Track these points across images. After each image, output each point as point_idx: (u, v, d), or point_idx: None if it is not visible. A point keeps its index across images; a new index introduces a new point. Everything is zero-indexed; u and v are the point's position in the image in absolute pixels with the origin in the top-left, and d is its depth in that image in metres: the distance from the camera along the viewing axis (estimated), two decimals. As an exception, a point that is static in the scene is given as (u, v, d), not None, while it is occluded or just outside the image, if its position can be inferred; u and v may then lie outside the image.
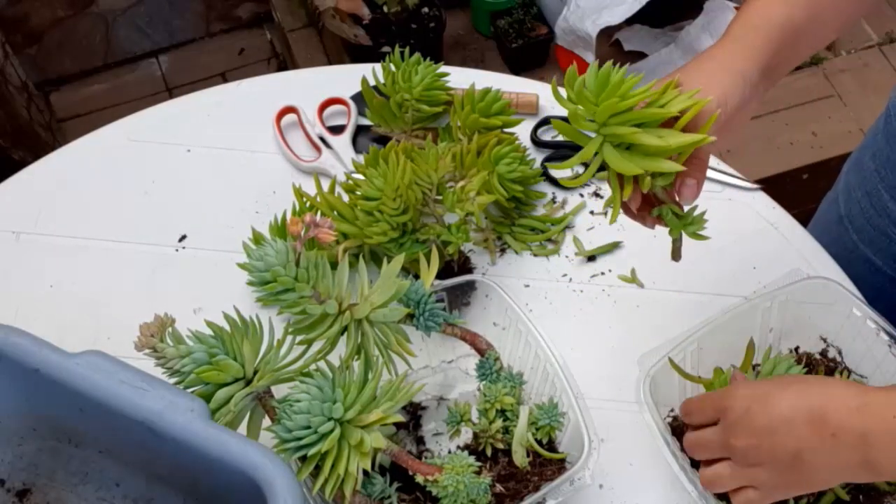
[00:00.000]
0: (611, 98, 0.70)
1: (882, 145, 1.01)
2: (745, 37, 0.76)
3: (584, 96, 0.71)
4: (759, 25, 0.77)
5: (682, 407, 0.81)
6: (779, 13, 0.77)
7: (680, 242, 0.80)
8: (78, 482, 0.83)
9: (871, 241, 1.05)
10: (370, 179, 0.89)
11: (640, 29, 1.92)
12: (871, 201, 1.03)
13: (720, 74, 0.74)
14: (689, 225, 0.77)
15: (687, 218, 0.77)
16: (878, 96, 1.89)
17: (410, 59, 1.03)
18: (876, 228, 1.04)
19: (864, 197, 1.05)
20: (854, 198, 1.07)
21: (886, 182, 1.00)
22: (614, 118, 0.70)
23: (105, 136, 1.12)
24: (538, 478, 0.79)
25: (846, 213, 1.08)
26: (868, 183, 1.04)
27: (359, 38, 1.79)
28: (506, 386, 0.82)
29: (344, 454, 0.71)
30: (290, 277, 0.73)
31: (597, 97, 0.71)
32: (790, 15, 0.77)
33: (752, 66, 0.75)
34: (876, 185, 1.02)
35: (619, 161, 0.72)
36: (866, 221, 1.05)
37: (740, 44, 0.76)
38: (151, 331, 0.74)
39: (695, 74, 0.75)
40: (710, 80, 0.73)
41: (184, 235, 1.03)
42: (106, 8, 2.22)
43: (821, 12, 0.78)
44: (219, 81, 2.13)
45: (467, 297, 0.94)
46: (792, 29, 0.77)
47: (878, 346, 0.85)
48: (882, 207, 1.02)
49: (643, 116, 0.70)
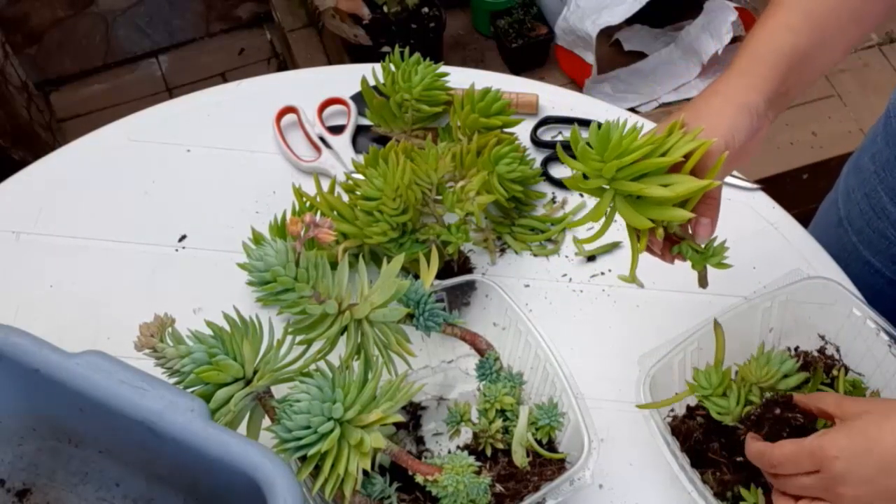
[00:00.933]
0: (614, 156, 0.71)
1: (882, 147, 1.01)
2: (751, 69, 0.76)
3: (589, 157, 0.72)
4: (764, 55, 0.76)
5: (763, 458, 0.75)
6: (784, 42, 0.76)
7: (705, 272, 0.80)
8: (78, 482, 0.83)
9: (870, 243, 1.05)
10: (370, 179, 0.89)
11: (640, 29, 1.92)
12: (871, 203, 1.03)
13: (727, 110, 0.74)
14: (711, 257, 0.78)
15: (708, 251, 0.78)
16: (878, 96, 1.89)
17: (410, 59, 1.03)
18: (875, 230, 1.04)
19: (863, 199, 1.05)
20: (853, 200, 1.07)
21: (886, 184, 1.01)
22: (621, 172, 0.71)
23: (105, 136, 1.12)
24: (538, 478, 0.79)
25: (845, 216, 1.08)
26: (867, 185, 1.04)
27: (359, 38, 1.79)
28: (506, 386, 0.82)
29: (344, 454, 0.71)
30: (289, 277, 0.73)
31: (601, 156, 0.71)
32: (795, 43, 0.76)
33: (759, 98, 0.75)
34: (875, 187, 1.02)
35: (631, 214, 0.73)
36: (865, 223, 1.05)
37: (746, 77, 0.76)
38: (151, 331, 0.74)
39: (702, 112, 0.74)
40: (717, 117, 0.73)
41: (184, 235, 1.03)
42: (106, 8, 2.22)
43: (826, 37, 0.78)
44: (219, 81, 2.13)
45: (467, 297, 0.94)
46: (798, 56, 0.76)
47: (878, 346, 0.85)
48: (881, 209, 1.02)
49: (648, 166, 0.71)
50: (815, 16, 0.77)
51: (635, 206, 0.73)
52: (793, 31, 0.77)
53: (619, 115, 1.12)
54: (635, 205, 0.73)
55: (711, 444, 0.83)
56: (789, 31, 0.77)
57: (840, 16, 0.78)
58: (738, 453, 0.83)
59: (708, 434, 0.84)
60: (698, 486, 0.78)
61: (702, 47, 1.82)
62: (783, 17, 0.78)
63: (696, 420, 0.86)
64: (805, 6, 0.78)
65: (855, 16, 0.79)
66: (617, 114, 1.12)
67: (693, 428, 0.85)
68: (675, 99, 1.85)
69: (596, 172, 0.72)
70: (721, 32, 1.78)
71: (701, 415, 0.86)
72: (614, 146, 0.71)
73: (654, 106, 1.84)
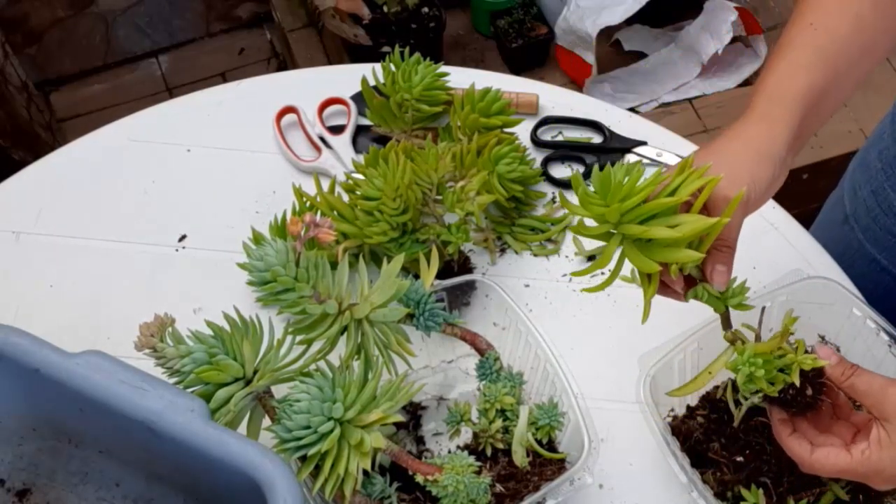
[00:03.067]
0: (618, 199, 0.68)
1: (889, 144, 1.01)
2: (771, 112, 0.75)
3: (593, 201, 0.70)
4: (782, 97, 0.76)
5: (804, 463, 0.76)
6: (801, 83, 0.76)
7: (727, 313, 0.78)
8: (78, 482, 0.83)
9: (876, 240, 1.05)
10: (370, 179, 0.89)
11: (640, 29, 1.92)
12: (878, 200, 1.03)
13: (747, 156, 0.73)
14: (731, 298, 0.76)
15: (727, 293, 0.76)
16: (879, 96, 1.88)
17: (410, 59, 1.03)
18: (882, 227, 1.03)
19: (870, 195, 1.04)
20: (860, 196, 1.07)
21: (893, 181, 1.00)
22: (626, 216, 0.69)
23: (105, 136, 1.12)
24: (538, 478, 0.79)
25: (852, 213, 1.08)
26: (874, 181, 1.04)
27: (359, 38, 1.79)
28: (506, 386, 0.82)
29: (344, 454, 0.71)
30: (290, 277, 0.73)
31: (604, 200, 0.69)
32: (811, 82, 0.76)
33: (781, 146, 0.74)
34: (882, 184, 1.02)
35: (638, 258, 0.70)
36: (872, 220, 1.05)
37: (766, 122, 0.75)
38: (151, 331, 0.74)
39: (721, 158, 0.73)
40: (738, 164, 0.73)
41: (184, 235, 1.03)
42: (106, 8, 2.22)
43: (839, 73, 0.78)
44: (219, 81, 2.13)
45: (467, 297, 0.94)
46: (814, 95, 0.76)
47: (878, 346, 0.85)
48: (888, 206, 1.02)
49: (655, 207, 0.68)
50: (827, 53, 0.77)
51: (643, 249, 0.70)
52: (808, 70, 0.76)
53: (620, 115, 1.12)
54: (643, 248, 0.70)
55: (711, 444, 0.83)
56: (804, 70, 0.76)
57: (851, 51, 0.78)
58: (737, 453, 0.83)
59: (708, 434, 0.84)
60: (698, 486, 0.78)
61: (702, 47, 1.82)
62: (796, 57, 0.77)
63: (696, 420, 0.86)
64: (817, 44, 0.77)
65: (865, 49, 0.79)
66: (617, 114, 1.12)
67: (693, 428, 0.85)
68: (675, 99, 1.85)
69: (600, 218, 0.70)
70: (721, 32, 1.78)
71: (701, 415, 0.86)
72: (616, 188, 0.68)
73: (654, 106, 1.84)
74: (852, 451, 0.73)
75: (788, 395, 0.75)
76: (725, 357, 0.76)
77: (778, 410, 0.77)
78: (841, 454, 0.73)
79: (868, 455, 0.72)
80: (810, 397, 0.75)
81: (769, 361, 0.73)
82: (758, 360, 0.73)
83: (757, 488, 0.80)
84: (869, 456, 0.72)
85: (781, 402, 0.76)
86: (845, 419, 0.77)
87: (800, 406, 0.76)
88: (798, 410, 0.76)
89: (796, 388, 0.74)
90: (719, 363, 0.77)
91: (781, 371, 0.74)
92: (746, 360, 0.73)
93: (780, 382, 0.74)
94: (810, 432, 0.77)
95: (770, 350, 0.74)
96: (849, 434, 0.76)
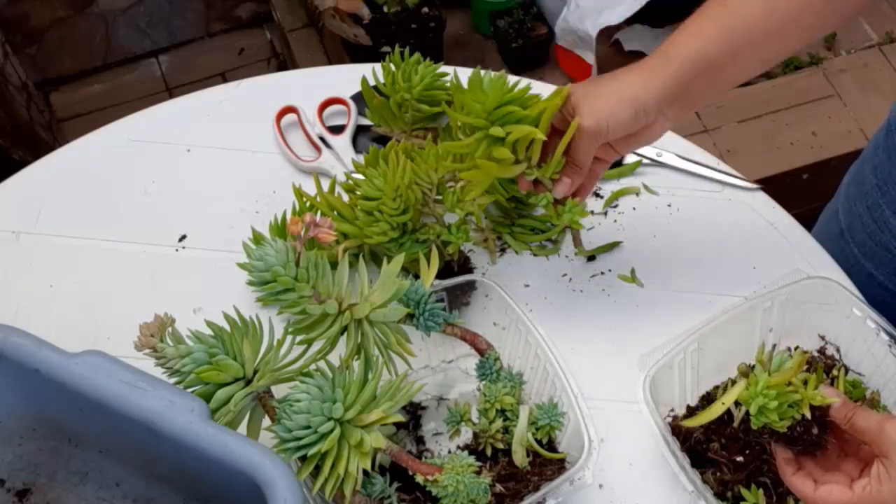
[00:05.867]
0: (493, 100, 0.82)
1: (883, 160, 1.01)
2: (655, 68, 0.81)
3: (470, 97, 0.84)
4: (670, 57, 0.81)
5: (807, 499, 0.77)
6: (692, 47, 0.80)
7: (578, 234, 0.97)
8: (78, 482, 0.83)
9: (872, 256, 1.05)
10: (370, 179, 0.89)
11: (641, 29, 1.92)
12: (873, 216, 1.03)
13: (613, 98, 0.81)
14: (566, 212, 0.87)
15: (564, 205, 0.87)
16: (878, 96, 1.89)
17: (410, 58, 1.03)
18: (878, 243, 1.03)
19: (865, 211, 1.04)
20: (855, 212, 1.06)
21: (888, 197, 1.00)
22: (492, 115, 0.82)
23: (105, 136, 1.12)
24: (538, 478, 0.79)
25: (847, 227, 1.08)
26: (869, 197, 1.03)
27: (359, 38, 1.79)
28: (506, 386, 0.82)
29: (344, 454, 0.71)
30: (290, 277, 0.73)
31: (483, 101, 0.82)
32: (703, 50, 0.80)
33: (650, 97, 0.80)
34: (877, 200, 1.02)
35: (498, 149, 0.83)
36: (868, 236, 1.05)
37: (647, 74, 0.81)
38: (151, 331, 0.74)
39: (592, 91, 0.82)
40: (602, 101, 0.81)
41: (184, 235, 1.03)
42: (106, 8, 2.22)
43: (738, 50, 0.80)
44: (219, 81, 2.13)
45: (467, 297, 0.94)
46: (705, 64, 0.80)
47: (878, 346, 0.85)
48: (884, 222, 1.02)
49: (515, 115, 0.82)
50: (728, 29, 0.80)
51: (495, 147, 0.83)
52: (703, 39, 0.80)
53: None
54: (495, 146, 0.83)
55: (711, 444, 0.83)
56: (699, 38, 0.80)
57: (754, 34, 0.80)
58: (738, 453, 0.83)
59: (708, 434, 0.84)
60: (698, 486, 0.78)
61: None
62: (698, 25, 0.81)
63: (697, 420, 0.86)
64: (721, 18, 0.81)
65: (771, 35, 0.81)
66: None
67: (693, 428, 0.85)
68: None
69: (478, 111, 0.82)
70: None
71: (701, 415, 0.86)
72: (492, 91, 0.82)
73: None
74: (854, 487, 0.74)
75: (796, 432, 0.77)
76: (739, 388, 0.79)
77: (783, 449, 0.78)
78: (844, 491, 0.74)
79: (869, 490, 0.73)
80: (816, 436, 0.76)
81: (782, 394, 0.75)
82: (771, 392, 0.75)
83: (757, 488, 0.81)
84: (870, 491, 0.73)
85: (788, 439, 0.77)
86: (853, 455, 0.78)
87: (805, 444, 0.77)
88: (803, 448, 0.77)
89: (803, 426, 0.76)
90: (733, 394, 0.80)
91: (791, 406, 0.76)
92: (760, 392, 0.76)
93: (788, 418, 0.76)
94: (816, 472, 0.78)
95: (783, 382, 0.76)
96: (856, 470, 0.77)
